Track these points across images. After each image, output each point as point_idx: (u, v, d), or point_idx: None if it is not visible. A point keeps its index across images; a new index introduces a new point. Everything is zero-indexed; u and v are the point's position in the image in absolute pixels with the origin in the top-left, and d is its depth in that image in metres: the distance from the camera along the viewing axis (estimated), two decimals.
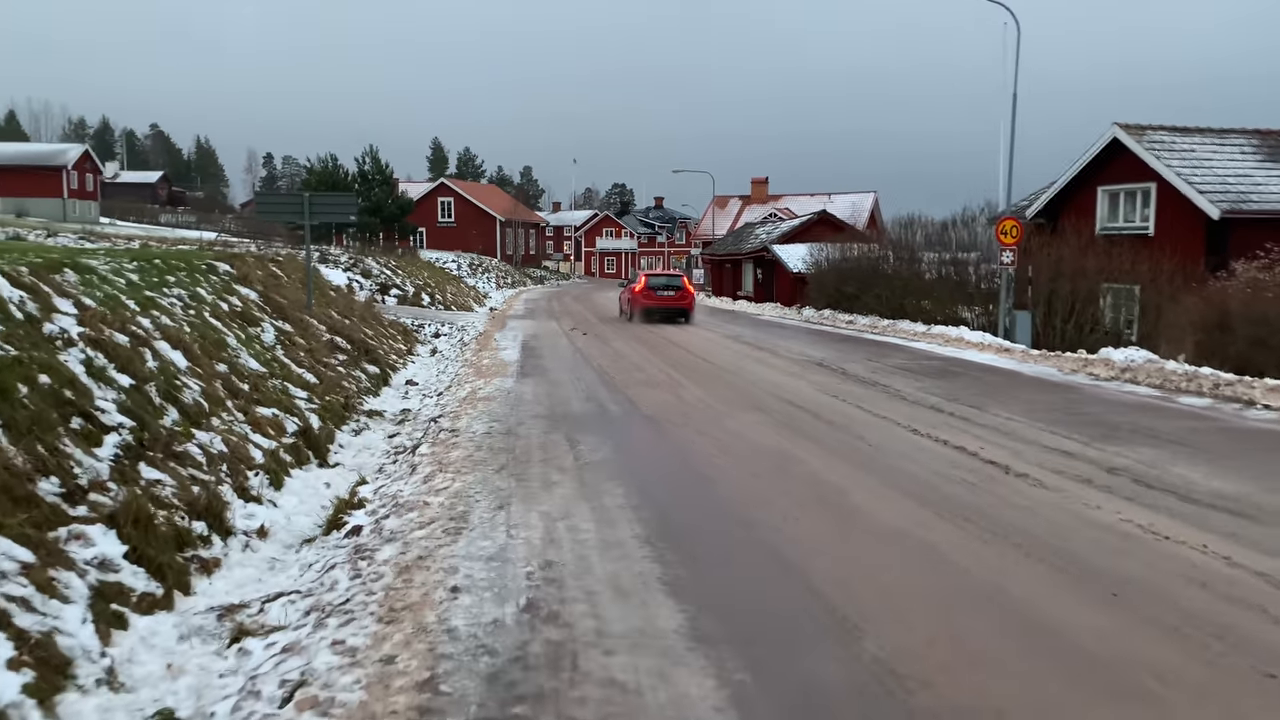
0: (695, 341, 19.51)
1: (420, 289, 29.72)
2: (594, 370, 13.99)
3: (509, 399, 10.85)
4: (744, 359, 16.02)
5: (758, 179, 76.51)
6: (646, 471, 7.28)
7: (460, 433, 8.80)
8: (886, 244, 25.84)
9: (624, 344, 18.50)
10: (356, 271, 28.45)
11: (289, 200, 13.52)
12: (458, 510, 5.95)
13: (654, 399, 11.05)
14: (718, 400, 11.08)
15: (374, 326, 17.61)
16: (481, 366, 14.15)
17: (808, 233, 35.64)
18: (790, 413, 10.31)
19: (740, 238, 43.81)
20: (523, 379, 12.73)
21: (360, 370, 12.42)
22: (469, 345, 18.39)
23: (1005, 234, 19.28)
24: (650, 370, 14.07)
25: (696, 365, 14.89)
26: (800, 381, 13.02)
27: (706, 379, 13.11)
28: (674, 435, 8.81)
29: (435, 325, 23.05)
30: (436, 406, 10.94)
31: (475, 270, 56.28)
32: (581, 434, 8.70)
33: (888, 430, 9.37)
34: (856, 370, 14.38)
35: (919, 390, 12.28)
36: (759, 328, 24.13)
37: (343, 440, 9.14)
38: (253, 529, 6.08)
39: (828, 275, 27.15)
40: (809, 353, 17.08)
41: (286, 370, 9.96)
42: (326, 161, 52.05)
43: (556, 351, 16.92)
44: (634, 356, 16.09)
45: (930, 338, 19.72)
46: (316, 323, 13.10)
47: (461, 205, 75.08)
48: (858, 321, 23.74)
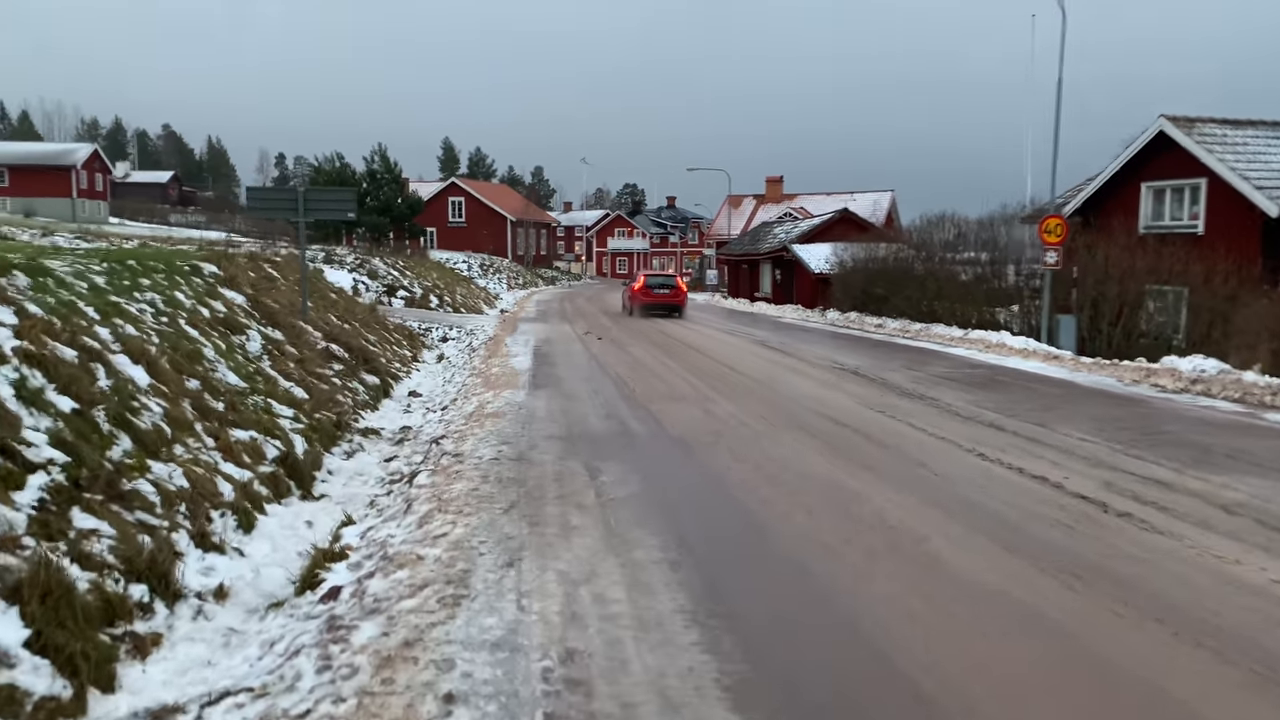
0: (718, 348, 18.39)
1: (429, 290, 28.70)
2: (612, 381, 12.89)
3: (520, 416, 9.76)
4: (773, 367, 14.89)
5: (772, 177, 75.33)
6: (682, 512, 6.17)
7: (465, 458, 7.71)
8: (914, 243, 24.63)
9: (643, 350, 17.40)
10: (362, 272, 27.44)
11: (283, 196, 12.48)
12: (457, 568, 4.86)
13: (681, 416, 9.94)
14: (752, 417, 9.96)
15: (377, 331, 16.56)
16: (491, 376, 13.07)
17: (828, 232, 34.45)
18: (835, 432, 9.18)
19: (757, 237, 42.65)
20: (535, 391, 11.64)
21: (358, 381, 11.36)
22: (478, 351, 17.32)
23: (1049, 232, 18.09)
24: (673, 380, 12.96)
25: (723, 375, 13.77)
26: (838, 394, 11.88)
27: (736, 391, 12.00)
28: (709, 462, 7.70)
29: (443, 329, 22.01)
30: (440, 423, 9.86)
31: (486, 271, 55.30)
32: (603, 460, 7.60)
33: (950, 455, 8.23)
34: (897, 380, 13.24)
35: (971, 404, 11.13)
36: (782, 331, 22.99)
37: (332, 465, 8.06)
38: (209, 589, 5.00)
39: (854, 276, 25.96)
40: (841, 360, 15.94)
41: (271, 384, 8.89)
42: (334, 160, 51.15)
43: (571, 359, 15.84)
44: (654, 365, 14.98)
45: (968, 343, 18.54)
46: (311, 329, 12.05)
47: (472, 205, 74.13)
48: (887, 325, 22.56)
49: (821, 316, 27.35)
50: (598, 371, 13.98)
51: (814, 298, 31.66)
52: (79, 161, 76.70)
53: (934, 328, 20.61)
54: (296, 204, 12.07)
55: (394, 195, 51.20)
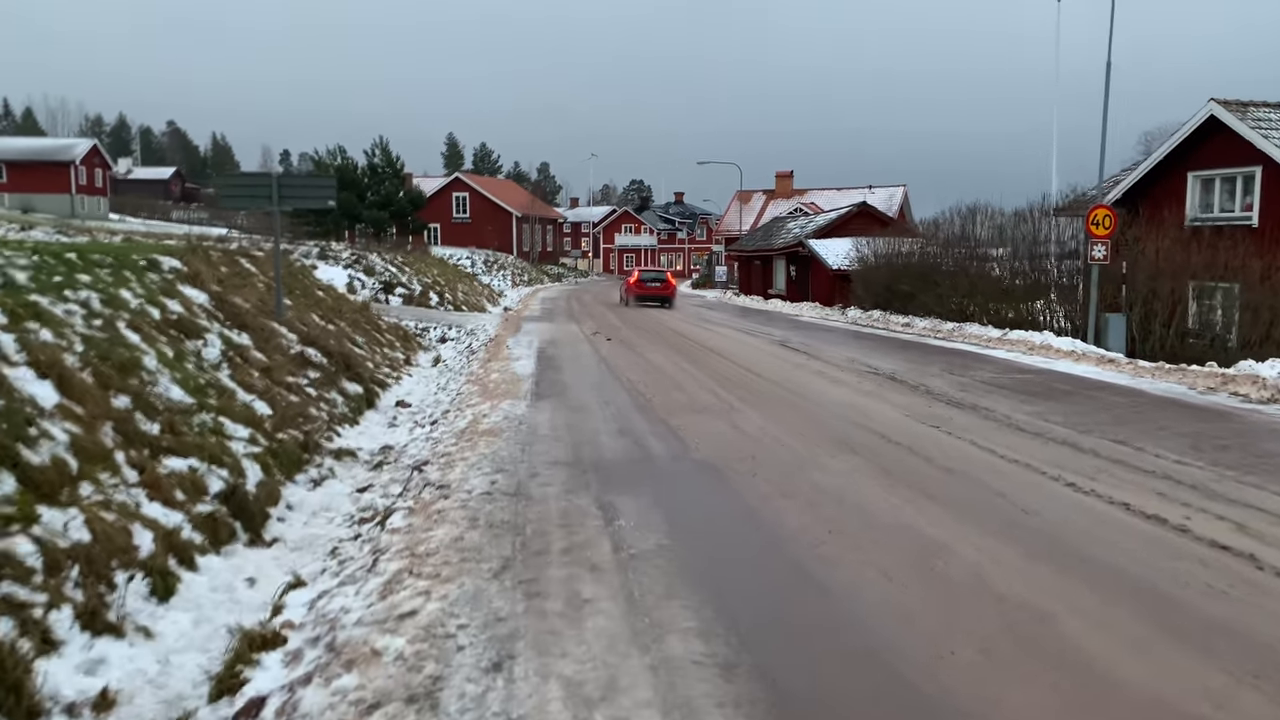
0: (737, 349, 17.02)
1: (428, 288, 27.37)
2: (624, 388, 11.53)
3: (520, 433, 8.41)
4: (800, 372, 13.52)
5: (782, 172, 74.04)
6: (725, 575, 4.81)
7: (451, 491, 6.36)
8: (941, 237, 23.21)
9: (658, 353, 16.04)
10: (359, 268, 26.12)
11: (255, 183, 11.14)
12: (424, 674, 3.51)
13: (706, 431, 8.57)
14: (788, 432, 8.59)
15: (367, 333, 15.23)
16: (489, 383, 11.73)
17: (846, 227, 33.04)
18: (888, 453, 7.81)
19: (770, 233, 41.24)
20: (538, 402, 10.29)
21: (337, 391, 10.02)
22: (477, 354, 15.98)
23: (1097, 225, 16.69)
24: (692, 388, 11.60)
25: (747, 381, 12.40)
26: (881, 404, 10.51)
27: (764, 400, 10.63)
28: (747, 496, 6.34)
29: (442, 329, 20.68)
30: (427, 442, 8.52)
31: (490, 267, 53.97)
32: (618, 494, 6.25)
33: (1032, 483, 6.87)
34: (941, 387, 11.86)
35: (1033, 416, 9.76)
36: (803, 331, 21.61)
37: (293, 498, 6.72)
38: (88, 697, 3.67)
39: (877, 273, 24.56)
40: (874, 363, 14.55)
41: (227, 398, 7.55)
42: (335, 154, 49.82)
43: (578, 362, 14.48)
44: (671, 369, 13.62)
45: (1008, 344, 17.13)
46: (287, 331, 10.71)
47: (477, 201, 72.77)
48: (915, 324, 21.15)
49: (841, 315, 25.96)
50: (608, 378, 12.62)
51: (831, 295, 30.27)
52: (78, 157, 75.60)
53: (967, 327, 19.21)
54: (271, 191, 10.74)
55: (395, 190, 49.88)
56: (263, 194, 10.87)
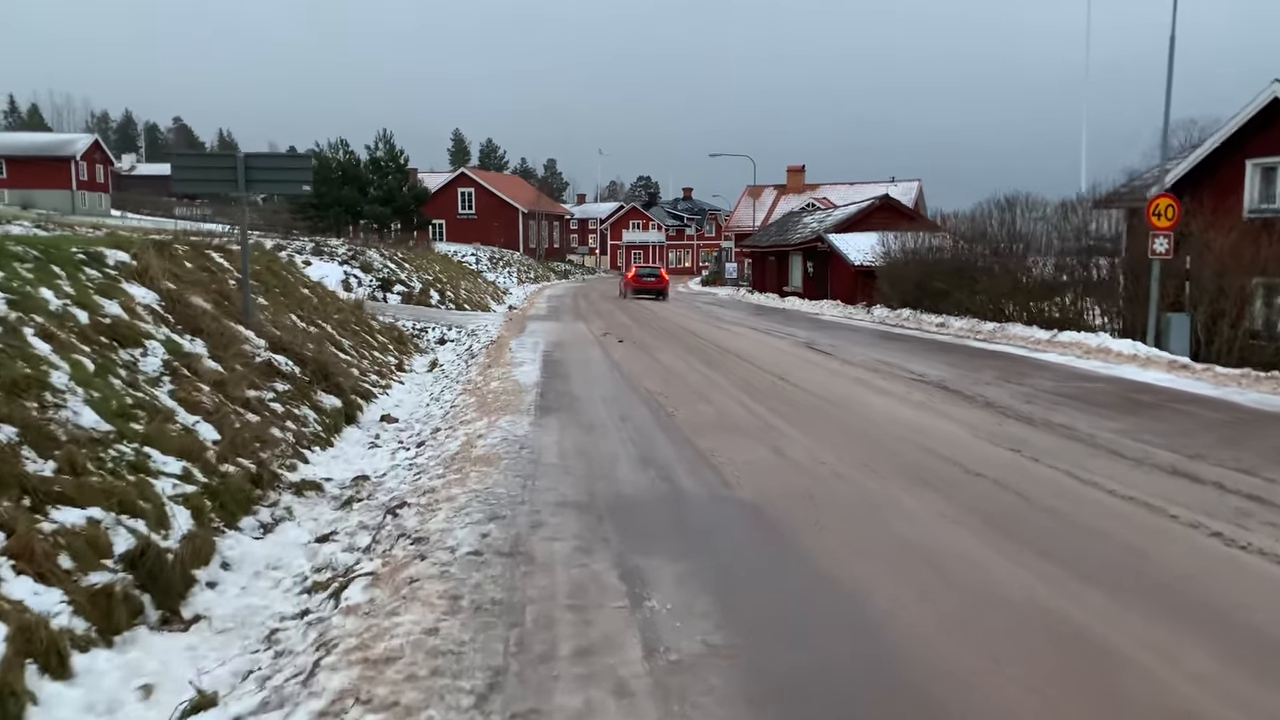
0: (762, 352, 15.55)
1: (429, 285, 25.96)
2: (642, 399, 10.09)
3: (521, 461, 6.96)
4: (837, 379, 12.05)
5: (794, 167, 72.70)
6: (807, 701, 3.35)
7: (430, 546, 4.93)
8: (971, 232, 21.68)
9: (675, 357, 14.59)
10: (355, 265, 24.74)
11: (216, 164, 9.63)
12: None
13: (745, 458, 7.12)
14: (844, 460, 7.13)
15: (356, 335, 13.82)
16: (488, 394, 10.29)
17: (867, 221, 31.52)
18: (975, 490, 6.35)
19: (785, 228, 39.73)
20: (543, 418, 8.85)
21: (309, 406, 8.59)
22: (478, 357, 14.55)
23: (1159, 216, 15.19)
24: (720, 400, 10.15)
25: (780, 390, 10.94)
26: (941, 420, 9.05)
27: (805, 415, 9.17)
28: (817, 557, 4.88)
29: (441, 329, 19.27)
30: (410, 470, 7.09)
31: (496, 264, 52.56)
32: (646, 555, 4.80)
33: (1166, 533, 5.41)
34: (1002, 399, 10.39)
35: (1122, 436, 8.29)
36: (828, 332, 20.12)
37: (233, 552, 5.29)
38: None
39: (906, 269, 23.04)
40: (917, 368, 13.07)
41: (161, 423, 6.13)
42: (337, 147, 48.50)
43: (588, 368, 13.04)
44: (692, 376, 12.17)
45: (1059, 347, 15.63)
46: (255, 335, 9.29)
47: (483, 196, 71.34)
48: (951, 324, 19.64)
49: (867, 314, 24.45)
50: (623, 386, 11.17)
51: (853, 292, 28.77)
52: (79, 152, 74.50)
53: (1010, 328, 17.70)
54: (235, 174, 9.31)
55: (399, 184, 48.60)
56: (226, 177, 9.45)
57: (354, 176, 47.03)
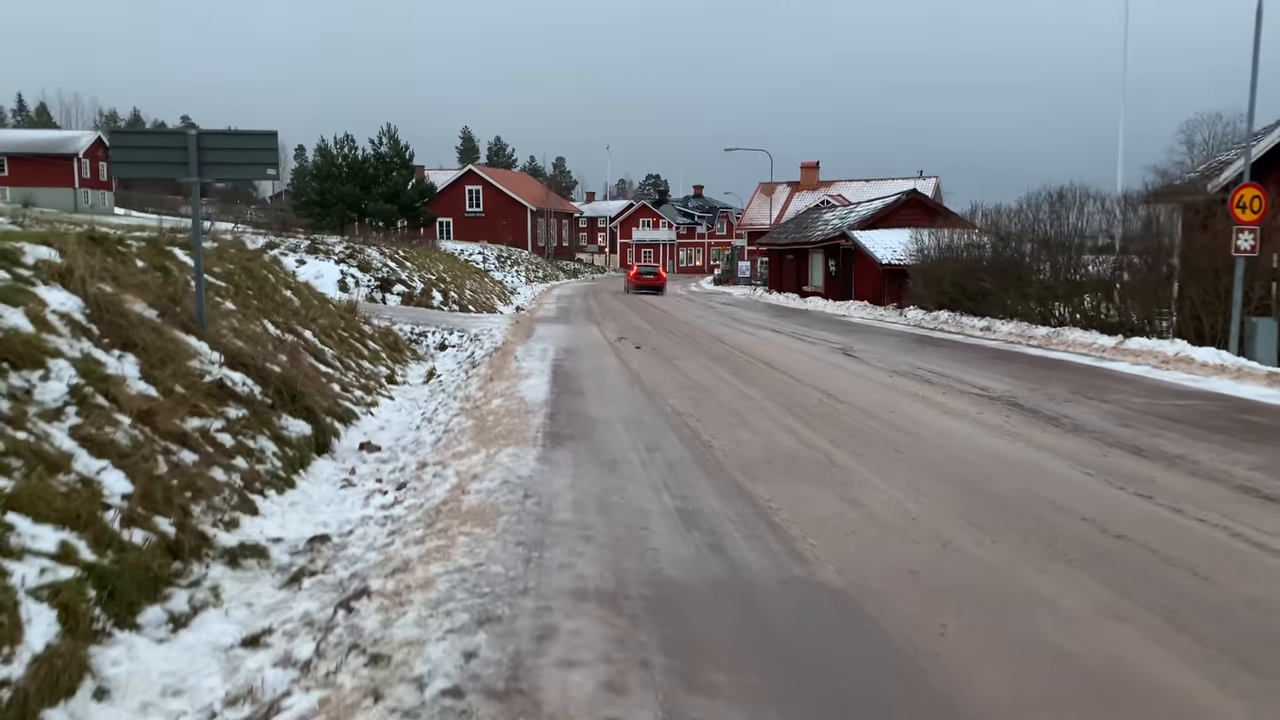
0: (795, 361, 13.95)
1: (431, 285, 24.44)
2: (670, 423, 8.52)
3: (524, 519, 5.40)
4: (891, 395, 10.45)
5: (808, 163, 70.95)
6: None
7: (388, 675, 3.38)
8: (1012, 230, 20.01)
9: (701, 367, 13.01)
10: (353, 263, 23.22)
11: (163, 142, 8.01)
12: None
13: (814, 514, 5.55)
14: (943, 516, 5.55)
15: (342, 343, 12.29)
16: (488, 415, 8.74)
17: (893, 217, 29.89)
18: (1132, 564, 4.76)
19: (804, 225, 38.10)
20: (553, 450, 7.29)
21: (269, 435, 7.04)
22: (480, 367, 13.00)
23: (1243, 208, 13.56)
24: (762, 423, 8.57)
25: (829, 410, 9.35)
26: (1037, 452, 7.46)
27: (871, 445, 7.59)
28: (957, 699, 3.31)
29: (442, 333, 17.74)
30: (383, 528, 5.55)
31: (503, 263, 51.03)
32: (706, 695, 3.24)
33: None
34: (1092, 421, 8.79)
35: (1266, 474, 6.69)
36: (861, 336, 18.51)
37: (117, 669, 3.74)
38: None
39: (943, 268, 21.39)
40: (976, 380, 11.47)
41: (44, 474, 4.59)
42: (342, 143, 46.96)
43: (603, 380, 11.48)
44: (723, 391, 10.59)
45: (1130, 355, 13.99)
46: (209, 348, 7.74)
47: (490, 194, 69.81)
48: (997, 328, 17.99)
49: (899, 316, 22.81)
50: (645, 405, 9.61)
51: (880, 292, 27.14)
52: (81, 149, 73.39)
53: (1067, 333, 16.06)
54: (186, 155, 7.77)
55: (404, 180, 47.07)
56: (175, 159, 7.91)
57: (358, 173, 45.56)
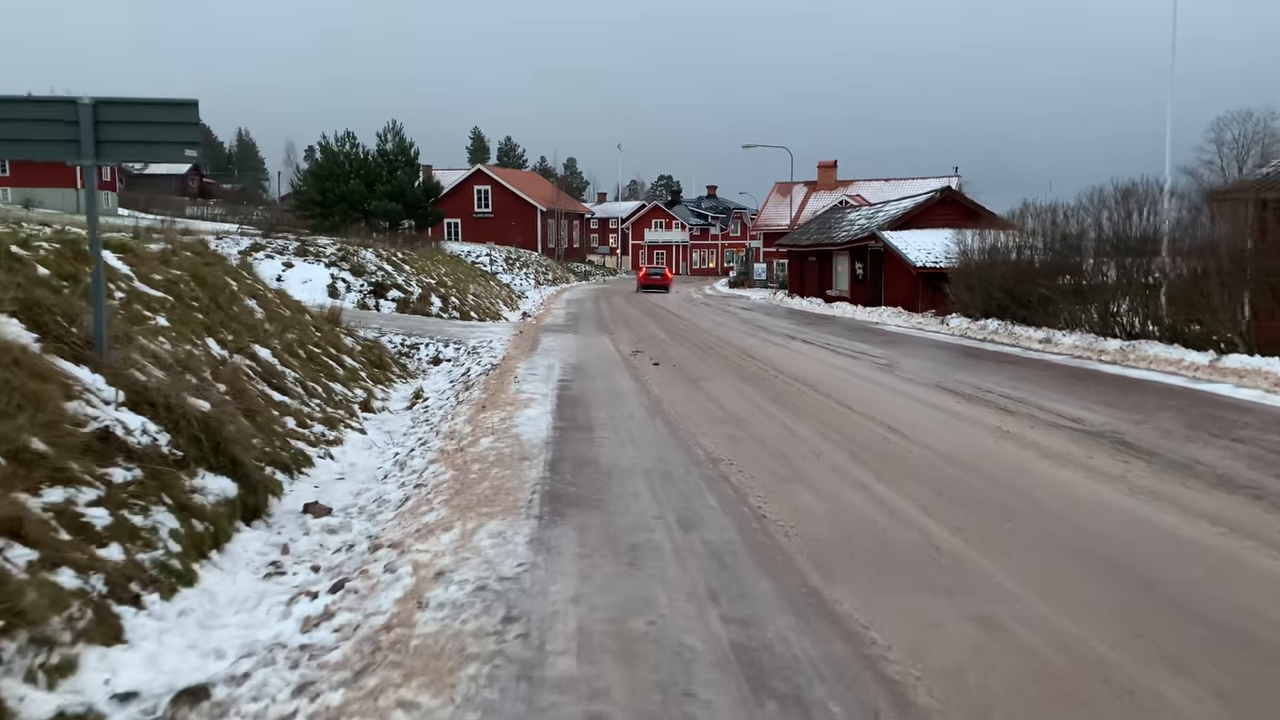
0: (840, 381, 12.03)
1: (430, 290, 22.62)
2: (706, 475, 6.64)
3: (501, 672, 3.54)
4: (974, 432, 8.51)
5: (825, 163, 69.04)
6: None
7: None
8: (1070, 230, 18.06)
9: (730, 389, 11.13)
10: (345, 267, 21.42)
11: (49, 114, 6.15)
12: None
13: (944, 657, 3.67)
14: (1129, 652, 3.66)
15: (311, 362, 10.47)
16: (472, 464, 6.88)
17: (926, 217, 27.92)
18: None
19: (828, 225, 36.16)
20: (551, 526, 5.42)
21: (168, 506, 5.19)
22: (473, 389, 11.15)
23: None
24: (823, 476, 6.68)
25: (899, 454, 7.44)
26: (1194, 523, 5.54)
27: (968, 509, 5.68)
28: None
29: (436, 345, 15.92)
30: (295, 672, 3.69)
31: (512, 265, 49.23)
32: None
33: None
34: (1237, 470, 6.87)
35: None
36: (903, 348, 16.58)
37: None
38: None
39: (992, 271, 19.42)
40: (1065, 409, 9.53)
41: None
42: (344, 140, 45.23)
43: (617, 409, 9.61)
44: (764, 425, 8.70)
45: (1230, 375, 12.01)
46: (104, 381, 5.90)
47: (500, 194, 68.04)
48: (1058, 340, 16.01)
49: (940, 324, 20.84)
50: (670, 446, 7.72)
51: (913, 298, 25.20)
52: None
53: (1145, 347, 14.08)
54: (77, 130, 5.97)
55: (409, 179, 45.30)
56: (64, 135, 6.13)
57: (361, 170, 43.85)
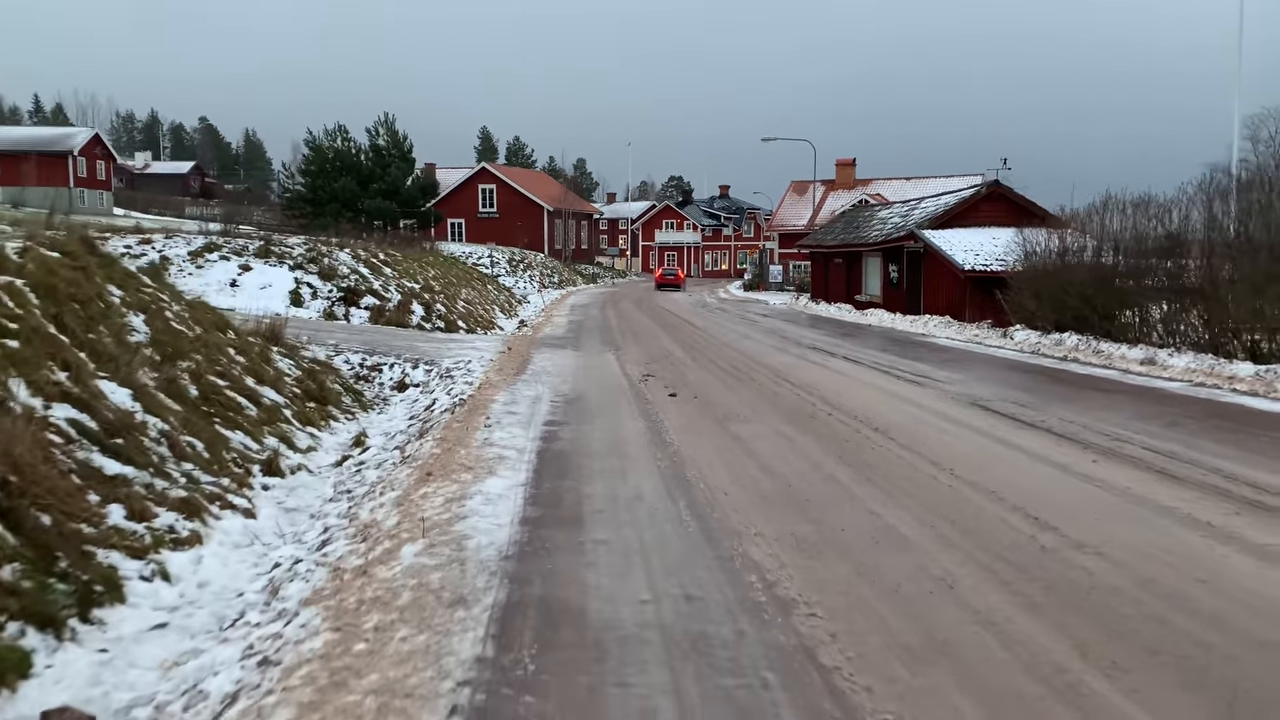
0: (919, 428, 9.10)
1: (412, 297, 19.80)
2: (767, 642, 3.82)
3: None
4: (1152, 519, 5.63)
5: (843, 160, 66.28)
6: None
7: None
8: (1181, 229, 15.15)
9: (772, 433, 8.22)
10: (313, 269, 18.63)
11: None
12: None
13: None
14: None
15: (203, 402, 7.66)
16: (366, 614, 4.05)
17: (971, 214, 25.01)
18: None
19: (856, 224, 33.24)
20: None
21: None
22: (425, 439, 8.30)
23: None
24: (971, 637, 3.83)
25: (1072, 575, 4.57)
26: None
27: None
28: None
29: (404, 366, 13.10)
30: None
31: (515, 267, 46.45)
32: None
33: None
34: None
35: None
36: (973, 370, 13.66)
37: None
38: None
39: (1064, 278, 16.49)
40: (1247, 473, 6.65)
41: None
42: (334, 134, 42.65)
43: (621, 478, 6.74)
44: (845, 515, 5.83)
45: None
46: None
47: (505, 194, 65.23)
48: (1166, 362, 13.02)
49: (1001, 338, 17.92)
50: (703, 564, 4.87)
51: (960, 305, 22.30)
52: (76, 147, 69.62)
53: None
54: None
55: (403, 175, 42.60)
56: None
57: (352, 166, 41.21)
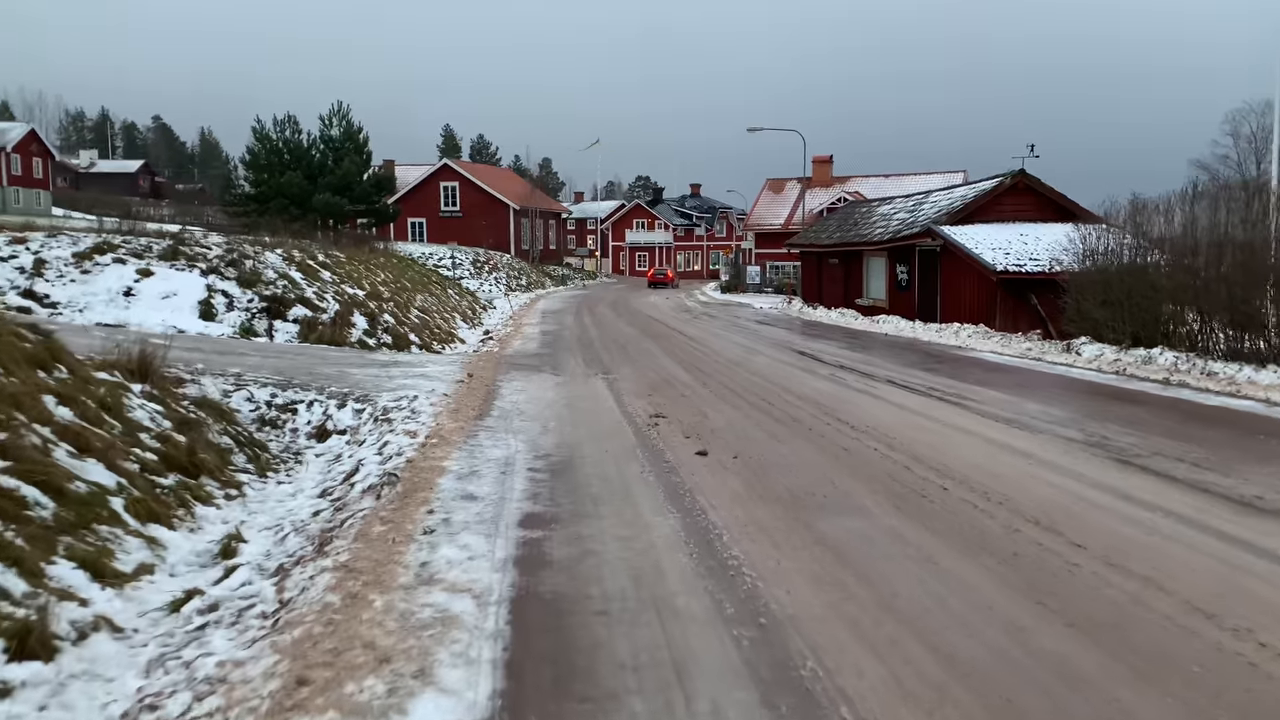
0: (1089, 515, 6.13)
1: (354, 305, 16.53)
2: None
3: None
4: None
5: (820, 158, 63.94)
6: None
7: None
8: None
9: (891, 538, 5.21)
10: (230, 274, 15.30)
11: None
12: None
13: None
14: None
15: None
16: None
17: (992, 209, 22.26)
18: None
19: (852, 221, 30.42)
20: None
21: None
22: (331, 552, 5.18)
23: None
24: None
25: None
26: None
27: None
28: None
29: (330, 402, 9.87)
30: None
31: (480, 269, 43.19)
32: None
33: None
34: None
35: None
36: (1047, 397, 10.75)
37: None
38: None
39: (1152, 281, 13.67)
40: None
41: None
42: (283, 124, 38.98)
43: (658, 643, 3.70)
44: None
45: None
46: None
47: (469, 191, 61.81)
48: None
49: (1063, 352, 15.06)
50: None
51: (989, 311, 19.51)
52: (9, 144, 65.19)
53: None
54: None
55: (357, 169, 39.07)
56: None
57: (301, 159, 37.67)
